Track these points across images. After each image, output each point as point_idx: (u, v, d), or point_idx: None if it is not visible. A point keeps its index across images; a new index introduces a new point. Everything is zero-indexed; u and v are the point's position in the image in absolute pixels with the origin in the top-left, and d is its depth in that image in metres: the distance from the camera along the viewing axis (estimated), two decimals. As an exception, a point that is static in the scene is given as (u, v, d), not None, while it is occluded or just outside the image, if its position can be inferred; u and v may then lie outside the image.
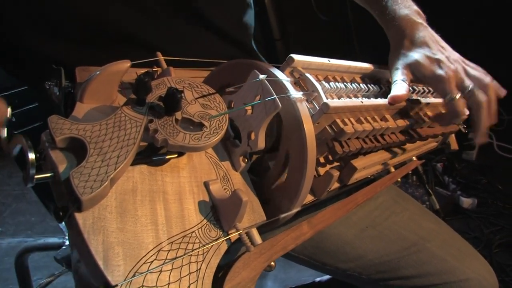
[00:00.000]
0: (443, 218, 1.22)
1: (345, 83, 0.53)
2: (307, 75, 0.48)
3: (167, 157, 0.40)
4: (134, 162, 0.38)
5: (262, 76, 0.43)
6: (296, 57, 0.48)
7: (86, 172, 0.34)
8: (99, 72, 0.39)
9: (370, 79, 0.60)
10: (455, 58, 0.57)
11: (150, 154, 0.40)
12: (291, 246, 0.43)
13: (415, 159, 0.67)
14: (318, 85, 0.47)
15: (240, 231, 0.40)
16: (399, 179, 0.62)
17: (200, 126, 0.41)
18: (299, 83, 0.49)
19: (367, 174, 0.56)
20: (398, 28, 0.59)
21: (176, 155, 0.41)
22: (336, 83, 0.51)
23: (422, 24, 0.59)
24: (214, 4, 0.59)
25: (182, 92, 0.42)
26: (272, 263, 0.42)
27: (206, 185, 0.42)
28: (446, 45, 0.59)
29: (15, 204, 1.79)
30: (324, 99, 0.45)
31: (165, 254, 0.35)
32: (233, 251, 0.42)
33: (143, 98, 0.39)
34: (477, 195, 1.68)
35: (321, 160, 0.52)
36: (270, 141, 0.48)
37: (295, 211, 0.45)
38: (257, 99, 0.43)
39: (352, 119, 0.48)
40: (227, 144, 0.47)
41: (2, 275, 1.41)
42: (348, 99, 0.50)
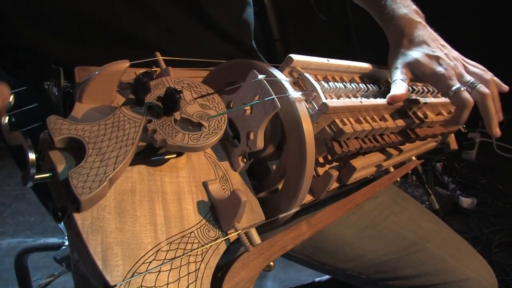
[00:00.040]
0: (443, 218, 1.21)
1: (344, 83, 0.53)
2: (306, 75, 0.48)
3: (166, 157, 0.40)
4: (133, 162, 0.38)
5: (261, 76, 0.43)
6: (295, 57, 0.48)
7: (85, 172, 0.34)
8: (98, 72, 0.39)
9: (369, 79, 0.60)
10: (455, 55, 0.57)
11: (149, 154, 0.40)
12: (290, 246, 0.43)
13: (414, 159, 0.67)
14: (317, 85, 0.47)
15: (239, 231, 0.40)
16: (398, 179, 0.63)
17: (199, 126, 0.41)
18: (298, 83, 0.49)
19: (366, 174, 0.56)
20: (397, 27, 0.59)
21: (175, 155, 0.41)
22: (335, 83, 0.51)
23: (421, 23, 0.59)
24: (214, 4, 0.59)
25: (181, 92, 0.42)
26: (271, 263, 0.42)
27: (205, 185, 0.42)
28: (445, 43, 0.59)
29: (15, 204, 1.79)
30: (323, 99, 0.45)
31: (164, 254, 0.35)
32: (232, 251, 0.42)
33: (141, 98, 0.39)
34: (476, 194, 1.68)
35: (320, 160, 0.52)
36: (274, 143, 0.48)
37: (294, 211, 0.45)
38: (256, 99, 0.43)
39: (351, 119, 0.48)
40: (226, 144, 0.47)
41: (1, 275, 1.41)
42: (347, 99, 0.50)
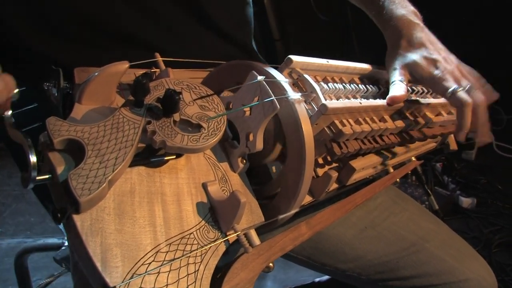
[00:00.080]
0: (442, 218, 1.21)
1: (343, 84, 0.53)
2: (306, 76, 0.48)
3: (165, 158, 0.40)
4: (132, 164, 0.38)
5: (260, 78, 0.43)
6: (295, 58, 0.48)
7: (84, 173, 0.34)
8: (97, 73, 0.39)
9: (369, 79, 0.60)
10: (452, 60, 0.57)
11: (148, 156, 0.40)
12: (289, 247, 0.43)
13: (414, 159, 0.67)
14: (316, 86, 0.47)
15: (238, 232, 0.40)
16: (398, 179, 0.63)
17: (198, 127, 0.41)
18: (298, 84, 0.49)
19: (366, 174, 0.56)
20: (395, 28, 0.59)
21: (174, 157, 0.41)
22: (335, 84, 0.51)
23: (419, 25, 0.59)
24: (214, 4, 0.59)
25: (180, 93, 0.42)
26: (271, 264, 0.42)
27: (204, 186, 0.42)
28: (443, 46, 0.59)
29: (14, 204, 1.79)
30: (323, 100, 0.45)
31: (163, 256, 0.35)
32: (231, 252, 0.42)
33: (141, 99, 0.39)
34: (476, 194, 1.67)
35: (319, 161, 0.52)
36: (278, 148, 0.48)
37: (293, 212, 0.45)
38: (255, 100, 0.43)
39: (351, 120, 0.48)
40: (225, 145, 0.47)
41: (1, 275, 1.40)
42: (346, 100, 0.50)
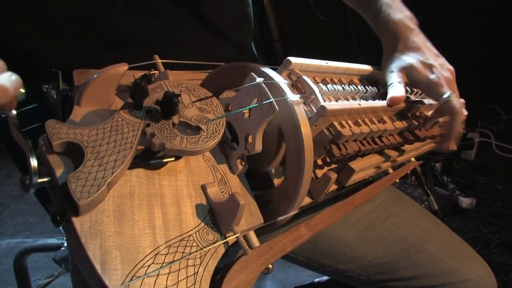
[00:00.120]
0: (442, 218, 1.22)
1: (342, 85, 0.53)
2: (305, 77, 0.48)
3: (164, 160, 0.40)
4: (131, 166, 0.38)
5: (259, 79, 0.43)
6: (294, 59, 0.48)
7: (83, 176, 0.34)
8: (96, 75, 0.39)
9: (368, 80, 0.60)
10: (447, 66, 0.58)
11: (147, 158, 0.39)
12: (289, 249, 0.43)
13: (413, 160, 0.67)
14: (315, 87, 0.47)
15: (238, 234, 0.40)
16: (397, 180, 0.63)
17: (197, 129, 0.41)
18: (297, 86, 0.49)
19: (365, 175, 0.56)
20: (392, 32, 0.60)
21: (173, 159, 0.41)
22: (334, 85, 0.51)
23: (415, 30, 0.60)
24: (214, 4, 0.59)
25: (179, 95, 0.42)
26: (270, 265, 0.42)
27: (204, 188, 0.42)
28: (439, 53, 0.60)
29: (14, 204, 1.79)
30: (322, 102, 0.45)
31: (162, 258, 0.35)
32: (230, 254, 0.42)
33: (140, 102, 0.39)
34: (475, 194, 1.68)
35: (318, 162, 0.52)
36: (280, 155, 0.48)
37: (292, 213, 0.45)
38: (254, 102, 0.43)
39: (350, 122, 0.48)
40: (224, 147, 0.47)
41: (1, 276, 1.40)
42: (345, 101, 0.50)
